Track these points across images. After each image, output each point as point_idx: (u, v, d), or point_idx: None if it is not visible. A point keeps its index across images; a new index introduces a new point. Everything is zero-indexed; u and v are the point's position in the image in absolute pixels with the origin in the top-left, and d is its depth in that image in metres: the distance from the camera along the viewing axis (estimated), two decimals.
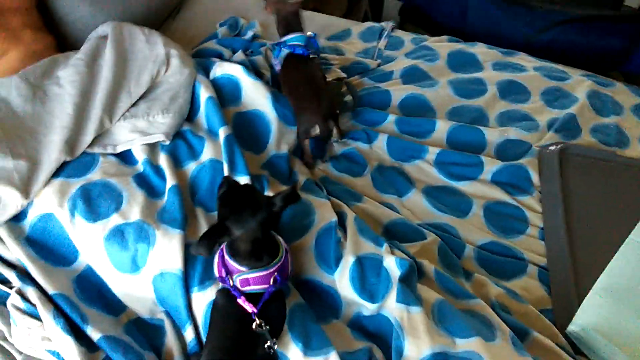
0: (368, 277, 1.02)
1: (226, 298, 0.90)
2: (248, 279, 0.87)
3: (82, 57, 1.24)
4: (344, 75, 1.61)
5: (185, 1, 1.94)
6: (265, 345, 0.84)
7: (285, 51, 1.40)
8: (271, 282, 0.88)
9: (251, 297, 0.87)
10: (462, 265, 1.15)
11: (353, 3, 2.71)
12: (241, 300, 0.87)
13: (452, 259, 1.15)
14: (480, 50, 1.72)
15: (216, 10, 1.90)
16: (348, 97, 1.54)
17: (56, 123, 1.14)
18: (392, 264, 1.02)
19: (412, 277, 1.02)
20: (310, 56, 1.40)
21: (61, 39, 1.49)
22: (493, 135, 1.41)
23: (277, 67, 1.44)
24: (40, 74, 1.21)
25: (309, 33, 1.45)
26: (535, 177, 1.32)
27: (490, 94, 1.54)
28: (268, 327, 0.85)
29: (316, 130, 1.29)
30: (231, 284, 0.88)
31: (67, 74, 1.21)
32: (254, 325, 0.85)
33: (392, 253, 1.04)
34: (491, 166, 1.33)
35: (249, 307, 0.86)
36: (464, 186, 1.31)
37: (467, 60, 1.68)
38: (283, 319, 0.93)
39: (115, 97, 1.21)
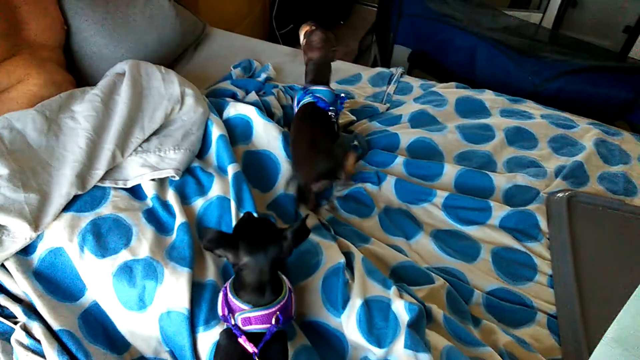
0: (376, 320, 1.01)
1: (228, 338, 0.89)
2: (250, 317, 0.86)
3: (99, 93, 1.27)
4: (353, 118, 1.63)
5: (201, 42, 2.00)
6: None
7: (308, 99, 1.37)
8: (273, 322, 0.87)
9: (253, 337, 0.86)
10: (470, 311, 1.14)
11: (363, 49, 2.78)
12: (242, 340, 0.85)
13: (460, 305, 1.13)
14: (488, 97, 1.75)
15: (230, 52, 1.95)
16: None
17: (69, 157, 1.16)
18: (400, 308, 1.01)
19: (421, 322, 1.01)
20: (329, 113, 1.37)
21: (77, 75, 1.55)
22: (501, 180, 1.42)
23: (295, 108, 1.43)
24: (57, 108, 1.23)
25: (341, 95, 1.44)
26: (543, 224, 1.32)
27: (498, 139, 1.56)
28: None
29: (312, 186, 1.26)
30: (233, 322, 0.87)
31: (83, 109, 1.23)
32: None
33: (401, 296, 1.03)
34: (499, 211, 1.33)
35: (250, 347, 0.84)
36: (472, 231, 1.31)
37: (475, 107, 1.71)
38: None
39: (128, 132, 1.23)
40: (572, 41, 2.31)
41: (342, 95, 1.43)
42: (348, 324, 1.02)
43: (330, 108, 1.36)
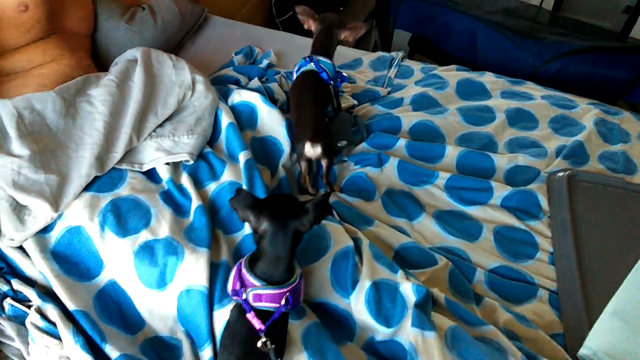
0: (384, 301, 1.03)
1: (237, 313, 0.92)
2: (261, 294, 0.88)
3: (113, 79, 1.30)
4: (355, 102, 1.65)
5: (202, 29, 2.01)
6: None
7: (311, 66, 1.40)
8: (283, 302, 0.88)
9: (260, 315, 0.88)
10: (472, 289, 1.17)
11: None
12: (250, 316, 0.87)
13: (463, 284, 1.16)
14: (488, 79, 1.76)
15: (231, 39, 1.97)
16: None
17: (87, 140, 1.18)
18: (408, 290, 1.03)
19: (427, 303, 1.03)
20: (329, 87, 1.42)
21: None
22: (502, 161, 1.44)
23: (294, 75, 1.46)
24: (74, 91, 1.26)
25: (343, 73, 1.50)
26: (544, 203, 1.34)
27: (499, 121, 1.58)
28: (274, 346, 0.86)
29: (305, 150, 1.28)
30: (244, 297, 0.89)
31: (99, 93, 1.26)
32: (259, 343, 0.85)
33: (407, 279, 1.06)
34: (501, 191, 1.35)
35: (257, 323, 0.86)
36: (474, 211, 1.33)
37: (475, 89, 1.72)
38: (285, 342, 0.94)
39: (143, 117, 1.25)
40: (572, 22, 2.31)
41: (344, 74, 1.47)
42: (357, 304, 1.04)
43: (331, 82, 1.41)
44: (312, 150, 1.27)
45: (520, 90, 1.73)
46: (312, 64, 1.40)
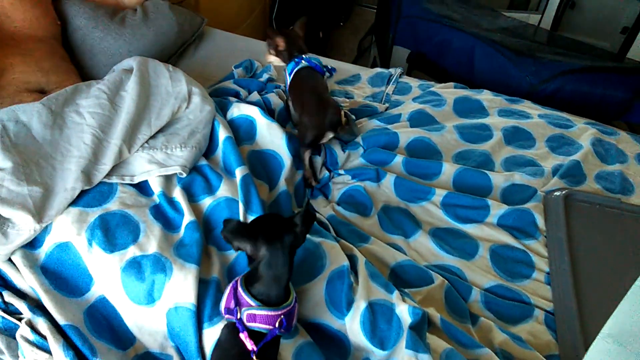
0: (379, 323, 1.02)
1: (229, 333, 0.90)
2: (255, 315, 0.87)
3: (105, 90, 1.28)
4: (352, 116, 1.65)
5: (202, 42, 2.02)
6: None
7: (304, 63, 1.49)
8: (277, 325, 0.87)
9: (253, 336, 0.86)
10: (468, 308, 1.16)
11: (362, 49, 2.80)
12: (243, 336, 0.86)
13: (459, 303, 1.15)
14: (485, 97, 1.77)
15: (231, 52, 1.97)
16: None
17: (74, 152, 1.17)
18: (404, 312, 1.02)
19: (423, 325, 1.02)
20: (324, 77, 1.52)
21: (82, 69, 1.62)
22: (499, 179, 1.44)
23: (289, 78, 1.52)
24: (62, 101, 1.24)
25: (330, 67, 1.60)
26: (540, 222, 1.34)
27: (496, 139, 1.58)
28: None
29: (323, 137, 1.41)
30: (238, 316, 0.88)
31: (88, 104, 1.24)
32: None
33: (404, 301, 1.05)
34: (497, 210, 1.35)
35: (250, 344, 0.85)
36: (470, 229, 1.33)
37: (473, 107, 1.72)
38: None
39: (135, 128, 1.24)
40: (570, 42, 2.33)
41: (331, 67, 1.56)
42: (352, 325, 1.03)
43: (325, 73, 1.51)
44: (341, 120, 1.40)
45: (518, 109, 1.74)
46: (304, 61, 1.50)
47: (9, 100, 1.31)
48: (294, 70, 1.50)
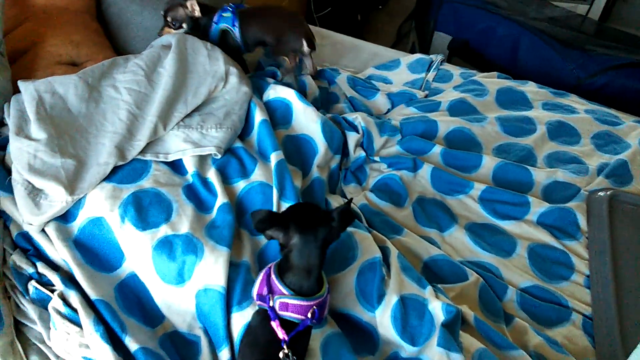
0: (410, 318, 1.00)
1: (261, 320, 0.89)
2: (288, 303, 0.86)
3: (143, 66, 1.28)
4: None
5: None
6: None
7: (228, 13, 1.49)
8: (309, 315, 0.86)
9: (284, 325, 0.85)
10: (503, 307, 1.12)
11: (402, 34, 2.74)
12: (275, 324, 0.85)
13: (493, 302, 1.11)
14: (530, 89, 1.70)
15: None
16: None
17: (108, 127, 1.17)
18: (437, 309, 0.99)
19: (456, 324, 0.99)
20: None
21: (118, 45, 1.62)
22: (541, 175, 1.38)
23: (236, 31, 1.49)
24: (99, 75, 1.24)
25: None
26: (582, 222, 1.28)
27: (539, 133, 1.52)
28: (295, 358, 0.83)
29: (304, 46, 1.49)
30: (270, 304, 0.87)
31: (125, 79, 1.24)
32: (281, 354, 0.83)
33: (437, 297, 1.02)
34: (538, 207, 1.30)
35: (281, 333, 0.84)
36: (508, 225, 1.28)
37: (516, 98, 1.66)
38: (305, 357, 0.91)
39: (171, 105, 1.23)
40: (620, 34, 2.23)
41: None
42: (382, 319, 1.01)
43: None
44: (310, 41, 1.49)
45: (563, 103, 1.67)
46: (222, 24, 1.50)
47: (41, 72, 1.31)
48: (234, 17, 1.48)
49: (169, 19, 1.45)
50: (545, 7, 2.26)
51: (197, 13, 1.45)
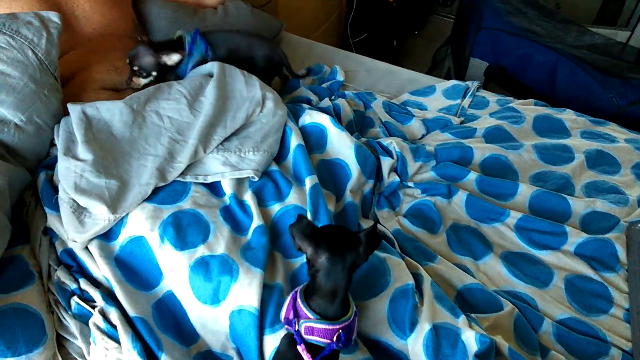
0: (443, 347, 0.99)
1: (288, 343, 0.90)
2: (313, 327, 0.86)
3: (185, 93, 1.33)
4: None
5: (278, 45, 2.04)
6: None
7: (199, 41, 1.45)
8: (334, 339, 0.86)
9: (311, 349, 0.85)
10: (538, 339, 1.10)
11: (437, 60, 2.75)
12: (301, 348, 0.85)
13: (529, 333, 1.09)
14: (568, 117, 1.68)
15: (307, 57, 2.00)
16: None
17: (150, 150, 1.22)
18: (471, 339, 0.98)
19: (490, 355, 0.97)
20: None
21: None
22: (579, 205, 1.36)
23: (210, 56, 1.48)
24: (144, 100, 1.30)
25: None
26: (622, 254, 1.25)
27: (578, 162, 1.50)
28: None
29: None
30: (296, 328, 0.87)
31: (169, 107, 1.29)
32: None
33: (470, 326, 1.01)
34: (575, 237, 1.27)
35: (307, 357, 0.84)
36: (545, 255, 1.26)
37: (554, 126, 1.64)
38: None
39: (211, 129, 1.27)
40: None
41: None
42: (414, 347, 1.00)
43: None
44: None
45: (602, 131, 1.64)
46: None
47: (86, 96, 1.38)
48: (205, 43, 1.46)
49: (135, 67, 1.37)
50: (584, 35, 2.24)
51: (174, 60, 1.39)
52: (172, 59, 1.38)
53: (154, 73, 1.39)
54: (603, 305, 1.18)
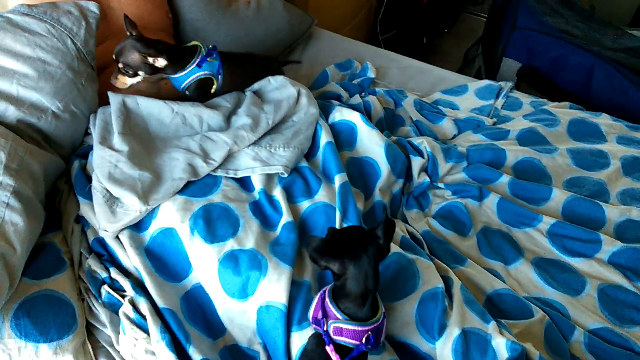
0: (472, 353, 0.97)
1: (316, 344, 0.89)
2: (342, 328, 0.85)
3: (228, 105, 1.36)
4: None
5: (309, 42, 2.04)
6: None
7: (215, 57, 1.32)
8: (363, 340, 0.85)
9: (339, 350, 0.85)
10: (569, 348, 1.07)
11: (469, 59, 2.71)
12: (329, 349, 0.84)
13: (559, 342, 1.07)
14: (604, 121, 1.64)
15: (337, 53, 1.98)
16: None
17: (183, 147, 1.23)
18: (501, 345, 0.96)
19: None
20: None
21: None
22: (614, 212, 1.32)
23: (219, 80, 1.33)
24: (189, 105, 1.31)
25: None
26: None
27: (613, 168, 1.46)
28: None
29: None
30: (325, 328, 0.87)
31: (211, 116, 1.31)
32: None
33: (501, 333, 0.99)
34: (610, 246, 1.24)
35: (335, 358, 0.83)
36: (578, 263, 1.23)
37: (589, 130, 1.60)
38: None
39: (251, 127, 1.29)
40: None
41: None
42: (443, 351, 0.99)
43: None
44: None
45: (639, 138, 1.60)
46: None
47: (117, 89, 1.38)
48: (220, 64, 1.31)
49: (120, 65, 1.22)
50: (622, 37, 2.18)
51: (161, 64, 1.23)
52: (159, 62, 1.22)
53: (141, 73, 1.23)
54: (637, 317, 1.15)
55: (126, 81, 1.25)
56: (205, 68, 1.29)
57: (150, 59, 1.21)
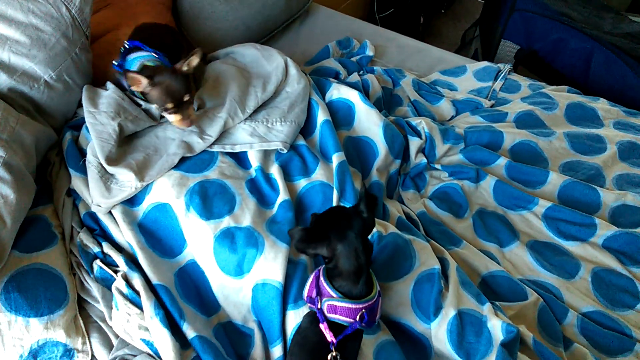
0: (467, 334, 0.97)
1: (310, 322, 0.89)
2: (336, 306, 0.85)
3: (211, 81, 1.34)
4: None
5: (305, 18, 2.01)
6: None
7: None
8: (357, 318, 0.85)
9: (333, 327, 0.85)
10: (562, 331, 1.08)
11: (466, 41, 2.68)
12: (323, 326, 0.84)
13: (553, 324, 1.07)
14: (602, 106, 1.63)
15: (334, 30, 1.95)
16: None
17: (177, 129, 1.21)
18: (497, 327, 0.97)
19: (515, 345, 0.96)
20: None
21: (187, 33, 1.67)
22: (609, 197, 1.32)
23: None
24: None
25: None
26: None
27: (610, 153, 1.46)
28: None
29: None
30: (319, 306, 0.86)
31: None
32: (329, 357, 0.82)
33: (496, 315, 0.99)
34: (605, 230, 1.24)
35: (329, 336, 0.83)
36: (572, 247, 1.24)
37: (586, 115, 1.60)
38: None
39: (240, 104, 1.25)
40: None
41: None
42: (438, 332, 0.99)
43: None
44: None
45: (636, 123, 1.59)
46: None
47: (111, 59, 1.34)
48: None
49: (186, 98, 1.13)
50: (622, 22, 2.16)
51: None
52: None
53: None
54: (630, 301, 1.15)
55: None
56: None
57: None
